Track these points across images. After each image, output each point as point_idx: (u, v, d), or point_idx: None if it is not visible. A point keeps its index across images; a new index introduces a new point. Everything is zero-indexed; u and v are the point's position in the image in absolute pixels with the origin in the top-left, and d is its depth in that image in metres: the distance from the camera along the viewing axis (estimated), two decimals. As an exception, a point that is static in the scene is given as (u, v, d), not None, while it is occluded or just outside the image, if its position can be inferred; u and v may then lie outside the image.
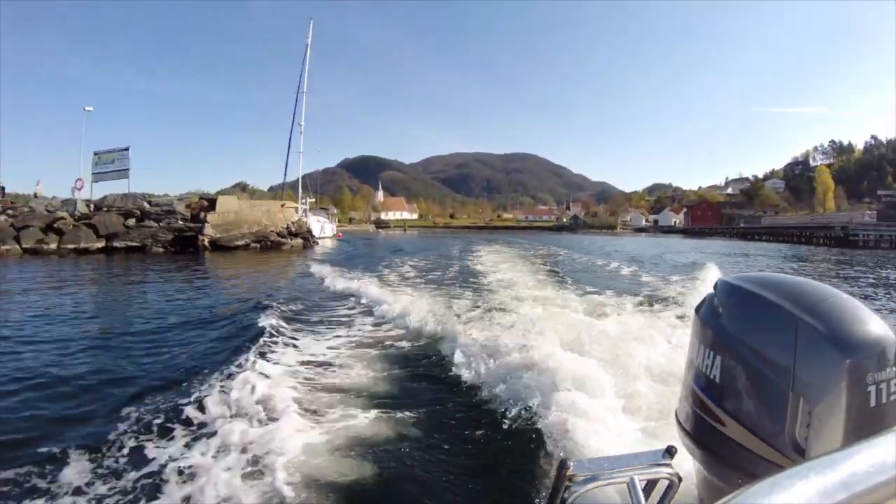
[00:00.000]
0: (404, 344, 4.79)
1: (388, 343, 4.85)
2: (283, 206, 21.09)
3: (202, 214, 18.88)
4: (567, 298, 6.89)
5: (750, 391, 0.70)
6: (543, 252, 18.61)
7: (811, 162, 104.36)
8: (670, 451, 0.73)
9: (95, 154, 21.77)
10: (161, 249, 18.06)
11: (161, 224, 18.79)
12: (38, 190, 23.33)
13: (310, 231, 22.48)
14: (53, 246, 17.98)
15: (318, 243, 23.61)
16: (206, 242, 18.28)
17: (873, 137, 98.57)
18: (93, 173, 21.71)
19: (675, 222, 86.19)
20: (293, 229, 20.74)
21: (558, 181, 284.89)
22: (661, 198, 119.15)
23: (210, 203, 19.82)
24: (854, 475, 0.32)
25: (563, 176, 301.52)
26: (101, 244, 18.01)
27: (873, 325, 0.67)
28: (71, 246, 18.01)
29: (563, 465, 0.70)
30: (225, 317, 6.26)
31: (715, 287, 0.78)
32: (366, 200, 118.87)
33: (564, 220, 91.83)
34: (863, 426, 0.63)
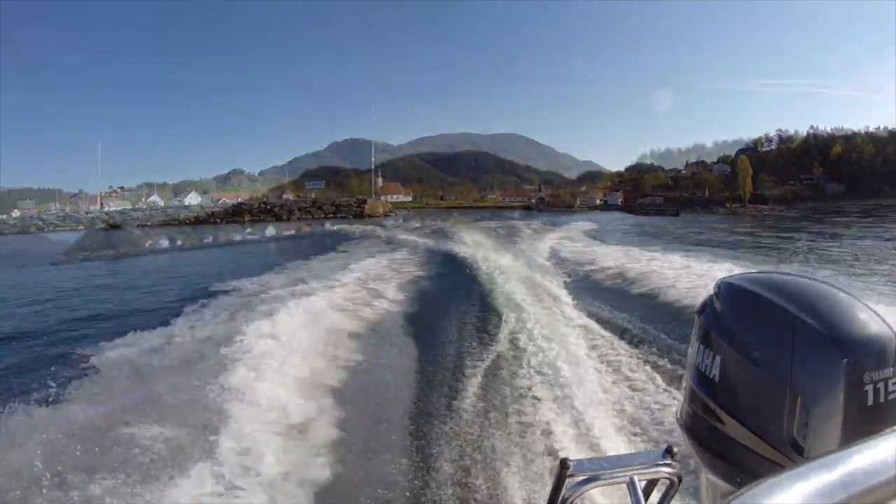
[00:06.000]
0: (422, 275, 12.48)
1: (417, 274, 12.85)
2: (383, 203, 57.95)
3: (361, 205, 54.48)
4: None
5: (748, 390, 0.77)
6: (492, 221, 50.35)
7: (760, 149, 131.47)
8: (670, 451, 0.81)
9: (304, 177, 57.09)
10: (351, 216, 53.19)
11: (345, 207, 54.13)
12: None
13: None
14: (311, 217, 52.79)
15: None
16: (365, 214, 54.32)
17: (813, 127, 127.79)
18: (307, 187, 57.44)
19: (619, 201, 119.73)
20: (387, 211, 57.10)
21: (545, 161, 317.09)
22: (625, 179, 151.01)
23: (363, 201, 55.91)
24: (854, 475, 0.34)
25: (549, 155, 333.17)
26: (329, 214, 53.11)
27: (872, 323, 0.72)
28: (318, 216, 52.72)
29: (563, 464, 0.76)
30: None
31: (716, 287, 0.87)
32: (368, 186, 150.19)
33: (533, 200, 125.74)
34: (861, 425, 0.68)
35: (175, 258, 26.57)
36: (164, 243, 35.36)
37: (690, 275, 8.64)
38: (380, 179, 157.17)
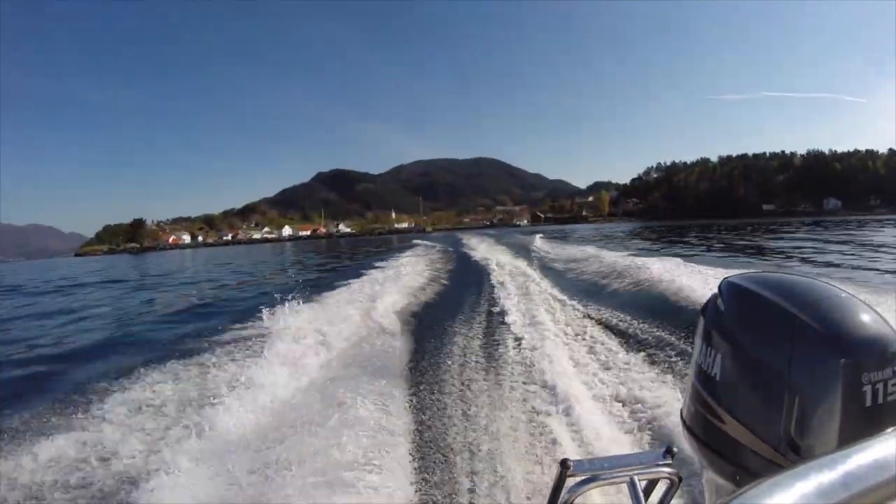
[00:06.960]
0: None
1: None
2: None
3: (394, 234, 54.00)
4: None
5: (748, 389, 0.77)
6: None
7: (759, 162, 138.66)
8: (670, 451, 0.82)
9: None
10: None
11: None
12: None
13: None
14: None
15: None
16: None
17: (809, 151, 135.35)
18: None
19: (622, 211, 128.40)
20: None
21: (515, 182, 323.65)
22: (629, 190, 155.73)
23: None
24: (854, 475, 0.34)
25: (519, 177, 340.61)
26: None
27: (872, 324, 0.71)
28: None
29: (563, 464, 0.77)
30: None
31: (719, 287, 0.87)
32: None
33: (539, 213, 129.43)
34: (858, 426, 0.68)
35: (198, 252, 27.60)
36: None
37: (694, 274, 8.91)
38: (392, 214, 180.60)
